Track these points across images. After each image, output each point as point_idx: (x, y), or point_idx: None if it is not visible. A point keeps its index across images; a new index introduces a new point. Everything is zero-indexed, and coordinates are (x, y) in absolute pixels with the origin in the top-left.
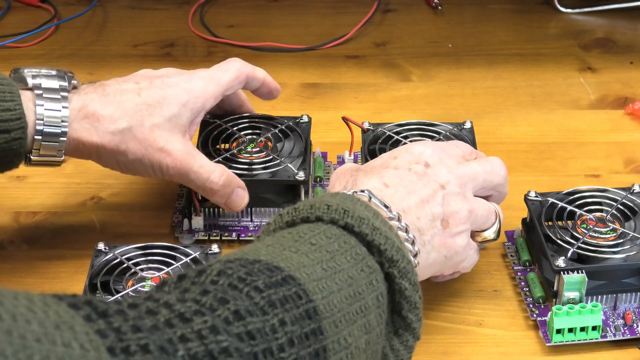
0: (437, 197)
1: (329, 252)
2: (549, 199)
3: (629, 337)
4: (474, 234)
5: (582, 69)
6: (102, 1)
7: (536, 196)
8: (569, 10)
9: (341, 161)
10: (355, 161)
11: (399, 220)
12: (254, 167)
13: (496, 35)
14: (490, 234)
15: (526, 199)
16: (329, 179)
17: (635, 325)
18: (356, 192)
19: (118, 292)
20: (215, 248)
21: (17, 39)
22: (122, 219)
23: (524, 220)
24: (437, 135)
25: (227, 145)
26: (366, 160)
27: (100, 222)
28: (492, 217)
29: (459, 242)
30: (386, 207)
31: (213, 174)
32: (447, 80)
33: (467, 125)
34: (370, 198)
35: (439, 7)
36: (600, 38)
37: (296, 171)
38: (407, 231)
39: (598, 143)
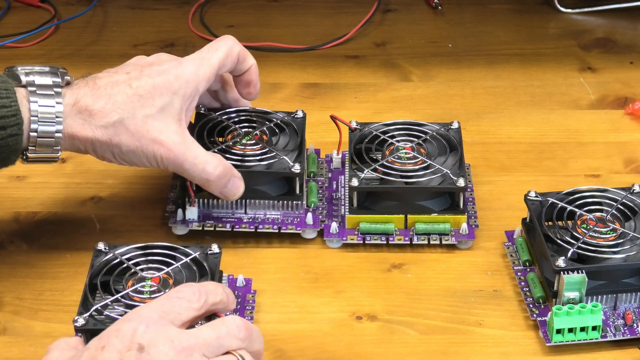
0: None
1: None
2: (549, 199)
3: (629, 337)
4: None
5: (582, 69)
6: (102, 1)
7: (536, 196)
8: (569, 10)
9: (329, 160)
10: (342, 160)
11: None
12: (249, 159)
13: (496, 35)
14: None
15: (526, 199)
16: (322, 174)
17: (635, 325)
18: None
19: (118, 291)
20: (215, 248)
21: (17, 39)
22: (122, 219)
23: (524, 220)
24: (423, 135)
25: (222, 138)
26: (353, 160)
27: (100, 222)
28: None
29: None
30: None
31: (208, 164)
32: (447, 80)
33: (455, 125)
34: None
35: (439, 7)
36: (600, 38)
37: (292, 163)
38: None
39: (598, 143)
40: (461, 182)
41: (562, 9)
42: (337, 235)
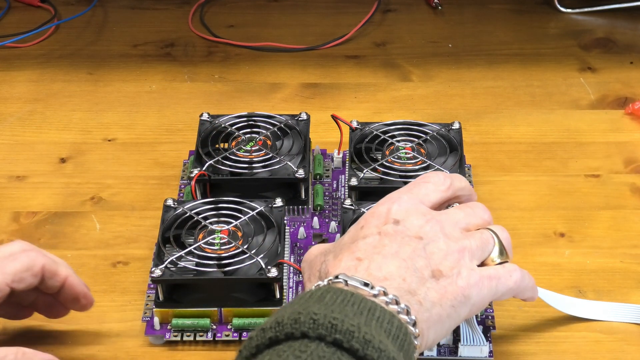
0: (417, 250)
1: None
2: None
3: None
4: (485, 264)
5: (582, 69)
6: (102, 1)
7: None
8: (569, 10)
9: (330, 159)
10: (343, 160)
11: (385, 294)
12: (253, 165)
13: (496, 35)
14: (495, 258)
15: None
16: (328, 176)
17: None
18: (331, 280)
19: (189, 244)
20: (279, 202)
21: (17, 39)
22: (122, 219)
23: None
24: (424, 135)
25: (226, 145)
26: (352, 160)
27: (100, 222)
28: (490, 241)
29: (461, 284)
30: (366, 284)
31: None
32: (447, 80)
33: (455, 125)
34: (347, 282)
35: (439, 7)
36: (600, 38)
37: (296, 169)
38: (397, 302)
39: (598, 143)
40: None
41: (562, 9)
42: (337, 234)
